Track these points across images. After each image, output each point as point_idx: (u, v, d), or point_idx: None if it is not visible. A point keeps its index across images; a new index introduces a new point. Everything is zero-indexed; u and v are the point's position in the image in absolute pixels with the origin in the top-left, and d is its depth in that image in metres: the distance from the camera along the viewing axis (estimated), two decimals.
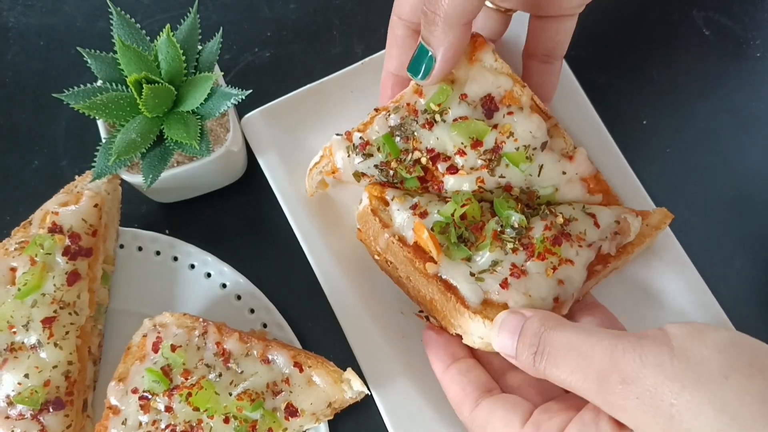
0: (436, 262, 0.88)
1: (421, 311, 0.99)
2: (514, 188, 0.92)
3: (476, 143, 0.91)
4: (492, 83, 0.93)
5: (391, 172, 0.93)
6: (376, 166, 0.93)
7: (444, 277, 0.88)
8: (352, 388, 0.92)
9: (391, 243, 0.92)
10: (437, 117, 0.92)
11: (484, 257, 0.89)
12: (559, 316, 0.79)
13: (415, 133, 0.92)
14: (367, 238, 0.97)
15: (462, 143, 0.91)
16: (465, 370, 0.87)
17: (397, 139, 0.92)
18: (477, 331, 0.86)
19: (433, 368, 0.91)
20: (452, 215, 0.90)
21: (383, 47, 1.01)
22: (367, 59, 1.10)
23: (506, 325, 0.79)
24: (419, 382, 0.98)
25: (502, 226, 0.90)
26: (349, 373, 0.92)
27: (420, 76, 0.88)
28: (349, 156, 0.94)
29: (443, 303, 0.90)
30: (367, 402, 0.96)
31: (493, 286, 0.86)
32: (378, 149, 0.93)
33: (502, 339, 0.79)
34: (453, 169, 0.92)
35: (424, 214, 0.92)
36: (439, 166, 0.92)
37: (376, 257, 0.98)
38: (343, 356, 0.98)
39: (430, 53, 0.86)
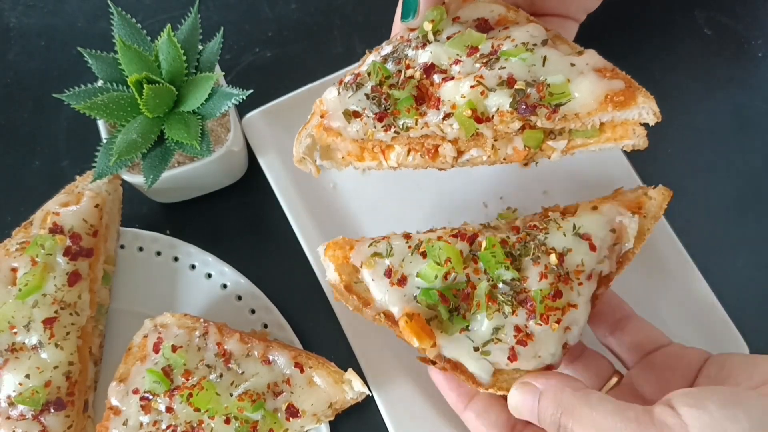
0: (433, 345, 0.81)
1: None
2: (518, 81, 0.80)
3: (472, 50, 0.83)
4: (485, 9, 0.88)
5: (384, 98, 0.84)
6: (367, 95, 0.84)
7: (448, 356, 0.81)
8: (353, 388, 0.92)
9: (377, 319, 0.85)
10: (430, 37, 0.86)
11: (483, 324, 0.80)
12: (571, 387, 0.74)
13: (408, 56, 0.86)
14: (346, 303, 0.89)
15: (457, 54, 0.84)
16: (482, 410, 0.85)
17: (390, 64, 0.86)
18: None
19: (453, 408, 0.88)
20: (434, 278, 0.82)
21: None
22: None
23: (522, 408, 0.77)
24: (420, 382, 0.98)
25: (492, 282, 0.81)
26: (350, 374, 0.92)
27: (410, 17, 0.86)
28: (339, 94, 0.86)
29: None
30: (368, 403, 0.96)
31: (501, 358, 0.80)
32: (369, 75, 0.86)
33: (522, 416, 0.78)
34: (449, 79, 0.83)
35: (402, 281, 0.83)
36: (434, 78, 0.83)
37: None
38: (344, 357, 0.98)
39: None
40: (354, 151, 0.88)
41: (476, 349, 0.80)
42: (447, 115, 0.82)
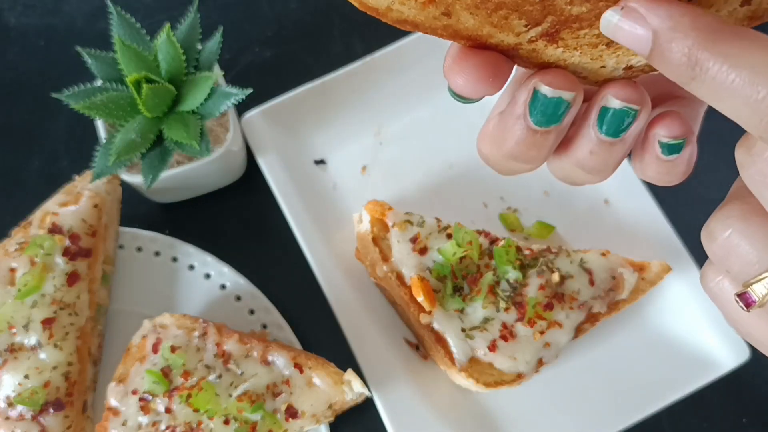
0: (429, 313, 0.91)
1: (411, 341, 1.01)
2: None
3: None
4: None
5: None
6: None
7: (436, 328, 0.91)
8: (353, 389, 0.91)
9: (388, 277, 0.93)
10: None
11: (476, 311, 0.90)
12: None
13: None
14: (365, 261, 0.98)
15: None
16: None
17: None
18: (461, 382, 0.92)
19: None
20: (452, 255, 0.91)
21: (384, 46, 1.01)
22: (368, 58, 1.09)
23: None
24: (420, 384, 0.98)
25: (498, 278, 0.92)
26: (350, 375, 0.92)
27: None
28: None
29: (433, 348, 0.92)
30: (368, 404, 0.96)
31: (481, 346, 0.89)
32: None
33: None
34: None
35: (423, 251, 0.93)
36: None
37: (372, 278, 0.99)
38: (343, 357, 0.98)
39: None
40: None
41: (463, 330, 0.89)
42: None
